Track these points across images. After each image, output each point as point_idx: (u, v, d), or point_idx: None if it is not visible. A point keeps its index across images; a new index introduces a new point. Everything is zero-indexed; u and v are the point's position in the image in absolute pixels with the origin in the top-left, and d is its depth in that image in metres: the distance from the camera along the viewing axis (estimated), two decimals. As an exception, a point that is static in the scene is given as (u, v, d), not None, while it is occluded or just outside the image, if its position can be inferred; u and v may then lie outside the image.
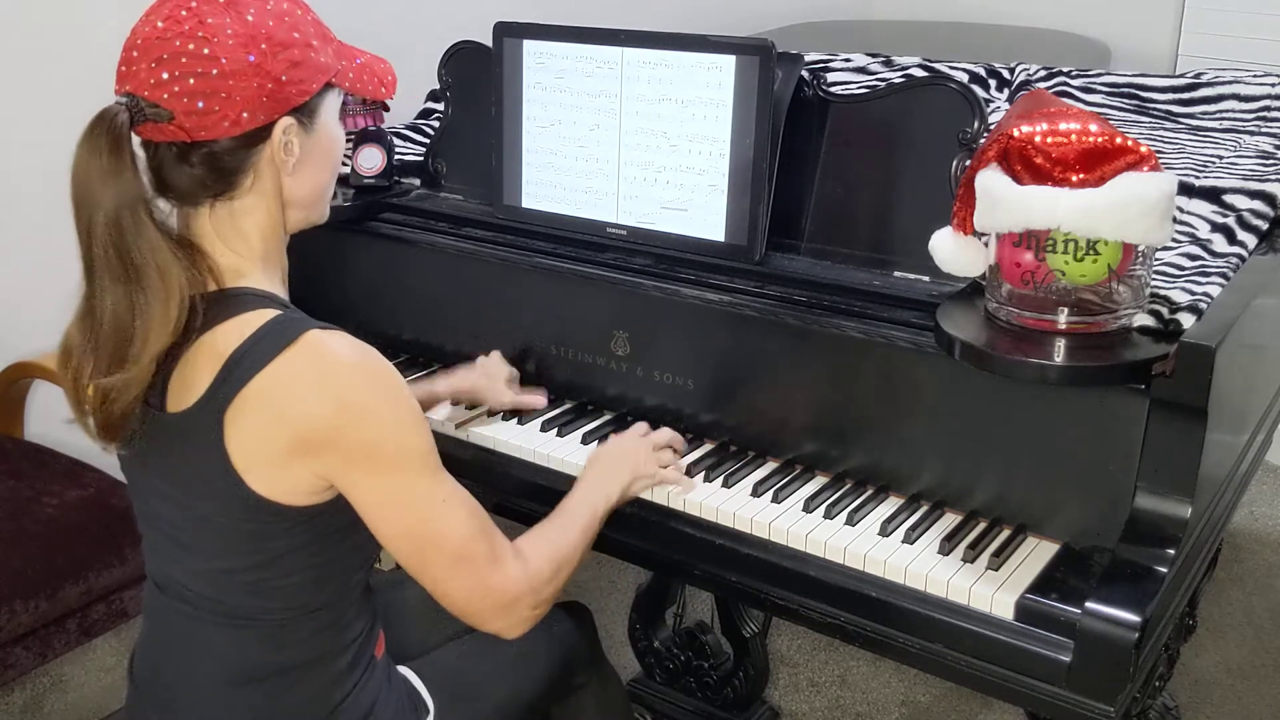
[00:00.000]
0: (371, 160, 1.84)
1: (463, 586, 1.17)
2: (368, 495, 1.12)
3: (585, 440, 1.59)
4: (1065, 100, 1.45)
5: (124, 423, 1.11)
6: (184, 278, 1.08)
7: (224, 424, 1.08)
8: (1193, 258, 1.45)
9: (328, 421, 1.08)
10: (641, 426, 1.52)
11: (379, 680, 1.28)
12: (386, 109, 2.05)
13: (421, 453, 1.13)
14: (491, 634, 1.22)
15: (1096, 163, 1.19)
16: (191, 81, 1.06)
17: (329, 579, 1.20)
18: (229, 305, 1.12)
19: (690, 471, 1.49)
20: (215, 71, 1.07)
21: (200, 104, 1.07)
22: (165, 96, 1.07)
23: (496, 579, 1.17)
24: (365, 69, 1.22)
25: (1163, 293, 1.31)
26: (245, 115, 1.09)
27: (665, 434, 1.50)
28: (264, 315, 1.11)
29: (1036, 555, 1.32)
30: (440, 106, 1.92)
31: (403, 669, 1.36)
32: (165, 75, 1.06)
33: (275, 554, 1.14)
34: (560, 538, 1.27)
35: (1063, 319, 1.23)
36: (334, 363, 1.09)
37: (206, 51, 1.06)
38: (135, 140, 1.09)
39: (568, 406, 1.67)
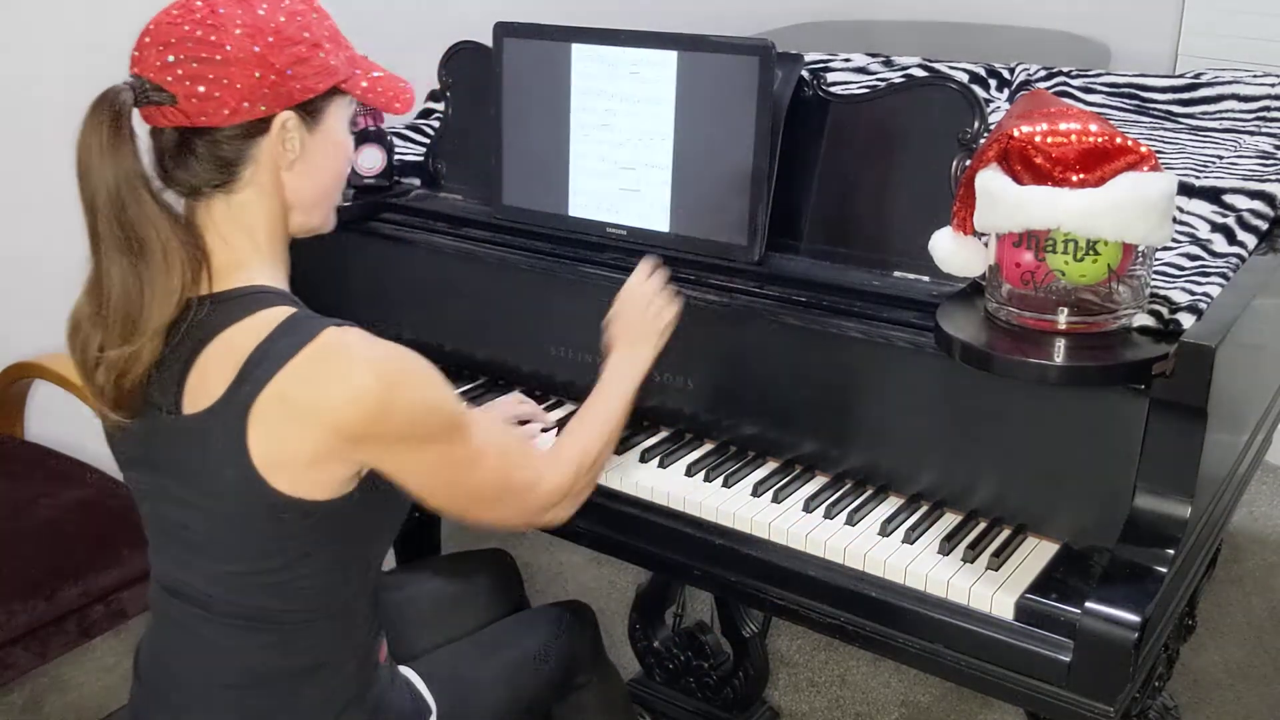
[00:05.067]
0: (371, 160, 1.84)
1: (510, 512, 1.26)
2: (412, 471, 1.15)
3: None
4: (1065, 100, 1.45)
5: (134, 396, 1.12)
6: (184, 253, 1.10)
7: (247, 424, 1.08)
8: (1193, 258, 1.45)
9: (361, 413, 1.08)
10: (640, 272, 1.47)
11: (384, 684, 1.28)
12: (387, 109, 2.04)
13: (454, 418, 1.16)
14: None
15: (1096, 163, 1.19)
16: (195, 66, 1.08)
17: (347, 578, 1.20)
18: (241, 304, 1.12)
19: (690, 471, 1.50)
20: (219, 58, 1.08)
21: (202, 88, 1.08)
22: (169, 79, 1.09)
23: (538, 494, 1.26)
24: (381, 82, 1.23)
25: (1163, 293, 1.31)
26: (246, 105, 1.10)
27: (636, 282, 1.47)
28: (280, 313, 1.11)
29: (1036, 555, 1.32)
30: (440, 106, 1.91)
31: (404, 669, 1.36)
32: (171, 59, 1.09)
33: (295, 554, 1.14)
34: (594, 426, 1.35)
35: (1063, 319, 1.23)
36: (356, 356, 1.09)
37: (214, 38, 1.09)
38: (142, 125, 1.11)
39: (570, 409, 1.67)
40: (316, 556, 1.16)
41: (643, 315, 1.45)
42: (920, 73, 2.12)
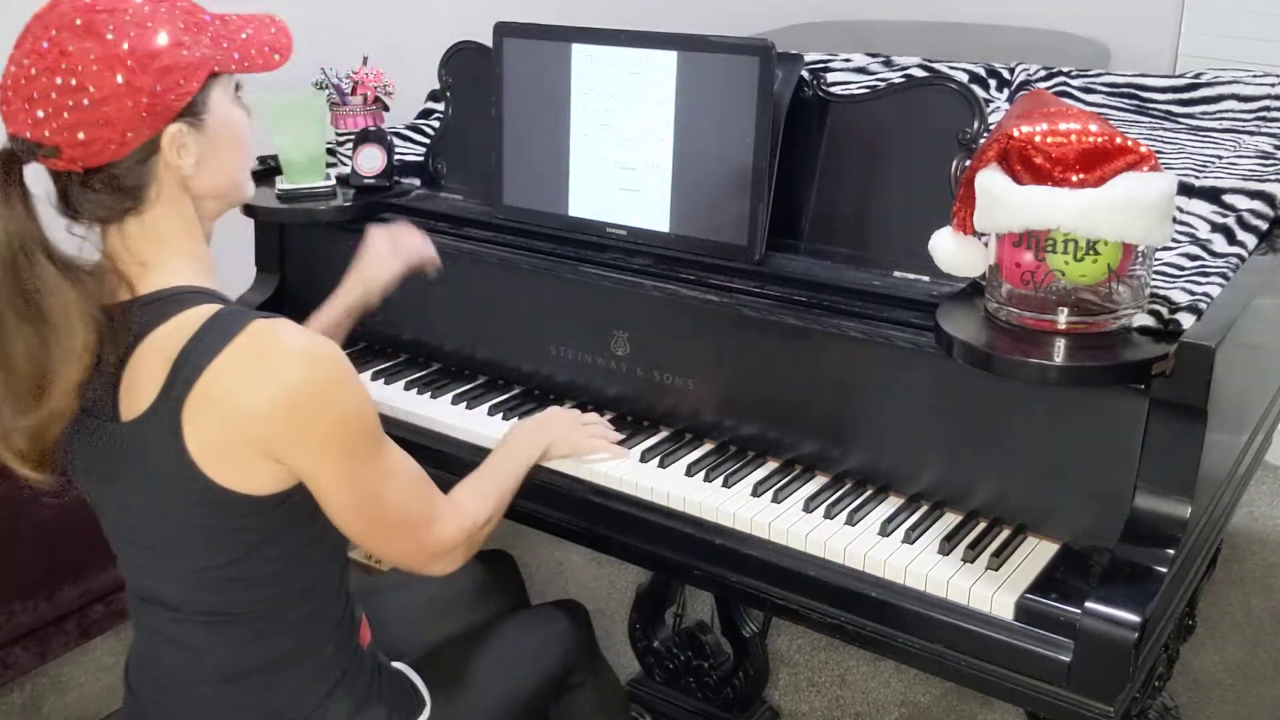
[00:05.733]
0: (371, 160, 1.84)
1: (406, 548, 1.24)
2: (323, 478, 1.13)
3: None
4: (1065, 100, 1.45)
5: (54, 455, 1.13)
6: (89, 309, 1.09)
7: (182, 422, 1.08)
8: (1192, 258, 1.45)
9: (280, 411, 1.08)
10: (567, 407, 1.60)
11: (368, 671, 1.28)
12: (386, 109, 2.05)
13: (370, 432, 1.16)
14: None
15: (1096, 163, 1.19)
16: (67, 116, 1.06)
17: (308, 562, 1.21)
18: (166, 306, 1.12)
19: (690, 471, 1.50)
20: (87, 101, 1.06)
21: (82, 135, 1.07)
22: (47, 134, 1.07)
23: (435, 535, 1.24)
24: (252, 43, 1.18)
25: (1163, 293, 1.31)
26: (130, 135, 1.08)
27: (591, 415, 1.58)
28: (206, 311, 1.11)
29: (1036, 555, 1.32)
30: (440, 106, 1.92)
31: (399, 665, 1.36)
32: (41, 114, 1.07)
33: (252, 544, 1.15)
34: (492, 491, 1.36)
35: (1063, 319, 1.23)
36: (281, 351, 1.09)
37: (74, 83, 1.06)
38: (41, 170, 1.09)
39: (568, 406, 1.67)
40: (274, 545, 1.16)
41: (564, 422, 1.52)
42: (920, 73, 2.12)
